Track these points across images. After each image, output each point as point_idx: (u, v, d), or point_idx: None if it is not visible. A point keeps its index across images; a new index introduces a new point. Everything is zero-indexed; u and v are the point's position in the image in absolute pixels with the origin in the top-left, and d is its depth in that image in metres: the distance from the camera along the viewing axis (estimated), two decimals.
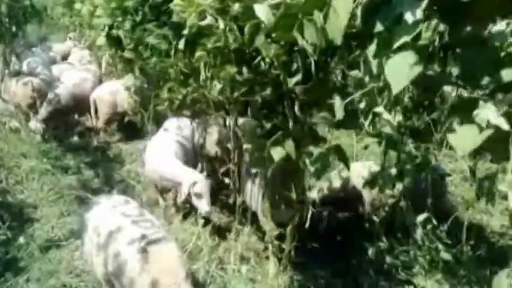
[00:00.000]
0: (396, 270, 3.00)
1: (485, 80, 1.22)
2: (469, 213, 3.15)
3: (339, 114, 1.66)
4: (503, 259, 2.92)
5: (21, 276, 3.51)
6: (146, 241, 2.41)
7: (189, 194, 3.65)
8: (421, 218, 2.11)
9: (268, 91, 2.11)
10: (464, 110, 1.22)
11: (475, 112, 1.21)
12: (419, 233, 2.21)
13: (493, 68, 1.19)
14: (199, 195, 3.61)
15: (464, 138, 1.22)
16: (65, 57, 9.95)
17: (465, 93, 1.57)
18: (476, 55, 1.23)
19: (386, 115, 1.56)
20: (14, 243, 3.88)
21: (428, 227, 2.19)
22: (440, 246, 2.41)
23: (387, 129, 1.71)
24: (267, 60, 1.93)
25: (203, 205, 3.57)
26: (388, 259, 3.03)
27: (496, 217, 3.78)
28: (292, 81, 1.83)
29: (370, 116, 1.59)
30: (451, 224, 2.39)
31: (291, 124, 2.05)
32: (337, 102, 1.62)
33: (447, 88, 1.93)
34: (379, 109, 1.55)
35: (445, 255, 2.38)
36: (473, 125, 1.20)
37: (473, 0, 1.15)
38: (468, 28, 1.22)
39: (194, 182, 3.64)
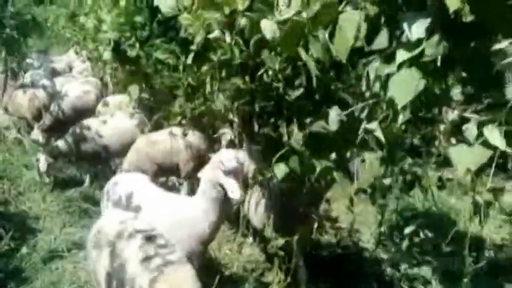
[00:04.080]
0: (398, 281, 3.04)
1: (488, 97, 1.29)
2: (468, 226, 3.20)
3: (333, 125, 1.72)
4: (504, 271, 2.97)
5: (24, 287, 3.51)
6: (157, 259, 2.25)
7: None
8: (408, 230, 2.12)
9: (270, 102, 2.18)
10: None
11: (465, 127, 1.28)
12: (405, 244, 2.22)
13: (495, 85, 1.27)
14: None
15: (466, 157, 1.28)
16: (67, 70, 10.04)
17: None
18: (479, 72, 1.31)
19: (378, 132, 1.60)
20: (17, 254, 3.88)
21: (416, 239, 2.21)
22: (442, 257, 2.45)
23: (372, 143, 1.75)
24: (270, 73, 2.01)
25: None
26: (389, 270, 3.07)
27: (496, 230, 3.84)
28: (294, 94, 1.89)
29: (362, 133, 1.64)
30: (452, 235, 2.44)
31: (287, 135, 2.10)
32: (332, 113, 1.68)
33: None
34: (372, 125, 1.60)
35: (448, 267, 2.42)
36: (476, 145, 1.26)
37: (476, 18, 1.22)
38: (471, 46, 1.29)
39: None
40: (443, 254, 2.62)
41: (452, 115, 1.90)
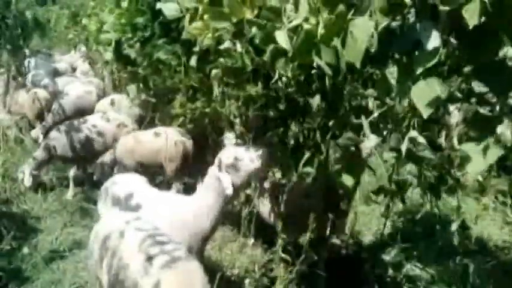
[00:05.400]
0: (400, 283, 3.04)
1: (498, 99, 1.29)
2: (471, 228, 3.21)
3: (368, 132, 1.74)
4: (507, 273, 2.96)
5: (26, 286, 3.52)
6: (164, 256, 2.23)
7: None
8: (454, 226, 2.13)
9: (281, 107, 2.18)
10: (481, 127, 1.30)
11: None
12: (456, 240, 2.22)
13: (506, 88, 1.27)
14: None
15: (479, 157, 1.28)
16: (69, 70, 10.07)
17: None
18: (490, 75, 1.31)
19: (420, 139, 1.62)
20: (18, 254, 3.90)
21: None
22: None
23: (425, 153, 1.74)
24: (284, 79, 2.01)
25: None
26: (391, 272, 3.06)
27: (498, 232, 3.84)
28: (315, 102, 1.90)
29: (407, 142, 1.64)
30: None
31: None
32: (365, 122, 1.70)
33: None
34: (414, 134, 1.62)
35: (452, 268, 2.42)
36: (487, 143, 1.27)
37: (487, 23, 1.22)
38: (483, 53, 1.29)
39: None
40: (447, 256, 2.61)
41: (455, 116, 1.91)
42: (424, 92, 1.29)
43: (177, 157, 4.45)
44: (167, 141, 4.40)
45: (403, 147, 1.67)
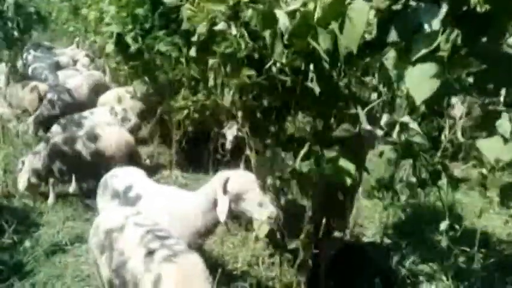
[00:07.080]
0: (402, 278, 3.01)
1: (501, 90, 1.25)
2: (476, 222, 3.18)
3: (364, 123, 1.69)
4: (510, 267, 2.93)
5: (27, 280, 3.51)
6: (164, 250, 2.22)
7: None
8: (443, 225, 2.08)
9: (277, 96, 2.14)
10: (491, 122, 1.25)
11: (498, 123, 1.23)
12: (444, 240, 2.18)
13: (509, 78, 1.22)
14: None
15: (497, 149, 1.24)
16: (70, 63, 10.01)
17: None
18: (493, 65, 1.26)
19: (413, 125, 1.57)
20: (20, 248, 3.89)
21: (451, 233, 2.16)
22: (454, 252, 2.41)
23: (416, 139, 1.70)
24: (278, 65, 1.96)
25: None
26: (394, 266, 3.04)
27: (503, 226, 3.80)
28: (315, 87, 1.82)
29: (398, 127, 1.60)
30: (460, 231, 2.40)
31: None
32: (361, 112, 1.65)
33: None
34: (406, 119, 1.58)
35: (458, 263, 2.39)
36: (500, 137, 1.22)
37: (490, 11, 1.18)
38: (484, 38, 1.24)
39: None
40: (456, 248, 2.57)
41: (459, 109, 1.86)
42: (419, 77, 1.24)
43: (121, 156, 4.46)
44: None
45: (395, 133, 1.62)
